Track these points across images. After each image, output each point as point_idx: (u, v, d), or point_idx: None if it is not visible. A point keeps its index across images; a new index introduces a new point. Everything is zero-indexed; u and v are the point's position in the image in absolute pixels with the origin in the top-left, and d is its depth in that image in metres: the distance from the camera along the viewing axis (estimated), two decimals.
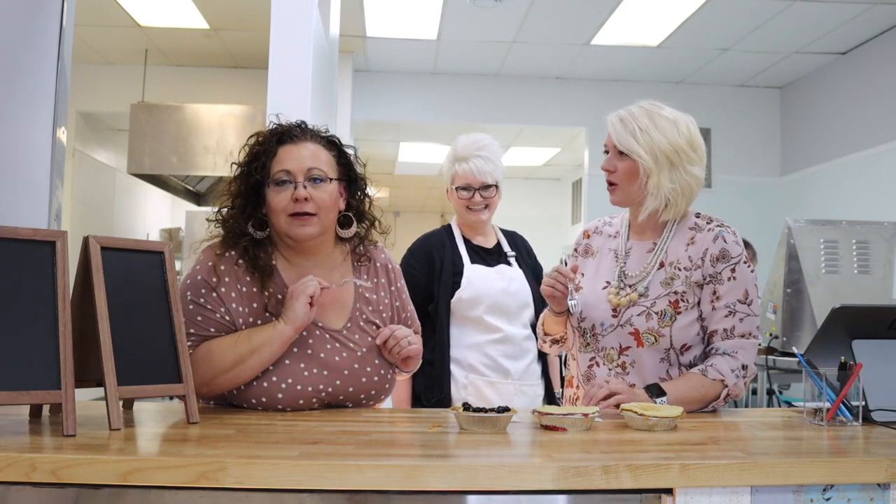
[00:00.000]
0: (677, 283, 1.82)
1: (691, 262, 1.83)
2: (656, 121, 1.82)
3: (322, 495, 1.13)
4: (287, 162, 1.67)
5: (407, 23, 5.77)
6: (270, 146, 1.69)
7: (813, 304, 3.47)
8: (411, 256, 2.62)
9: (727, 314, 1.78)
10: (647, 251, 1.89)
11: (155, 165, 5.80)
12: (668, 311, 1.80)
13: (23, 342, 1.26)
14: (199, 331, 1.63)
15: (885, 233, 3.63)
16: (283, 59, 3.02)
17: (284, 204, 1.65)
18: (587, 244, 2.04)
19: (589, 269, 1.99)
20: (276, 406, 1.64)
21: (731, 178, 6.95)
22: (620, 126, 1.84)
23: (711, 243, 1.82)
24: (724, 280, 1.79)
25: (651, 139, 1.80)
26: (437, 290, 2.52)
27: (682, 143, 1.81)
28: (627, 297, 1.84)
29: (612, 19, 5.51)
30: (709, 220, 1.88)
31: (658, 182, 1.81)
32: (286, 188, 1.65)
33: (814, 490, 1.22)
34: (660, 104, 1.87)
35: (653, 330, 1.80)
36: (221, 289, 1.65)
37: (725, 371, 1.74)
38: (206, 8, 5.42)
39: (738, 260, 1.80)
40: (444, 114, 7.05)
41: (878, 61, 5.68)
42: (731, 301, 1.78)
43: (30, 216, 2.24)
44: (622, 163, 1.85)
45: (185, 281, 1.67)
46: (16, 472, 1.10)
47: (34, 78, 2.29)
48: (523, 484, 1.14)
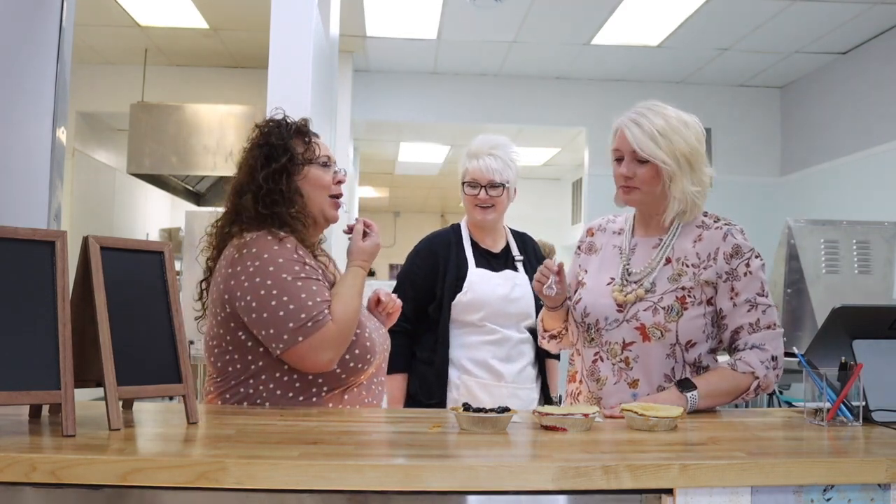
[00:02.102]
0: (685, 279, 1.82)
1: (699, 258, 1.83)
2: (671, 123, 1.80)
3: (322, 495, 1.13)
4: (325, 149, 1.86)
5: (407, 23, 5.77)
6: (307, 133, 1.84)
7: (813, 304, 3.47)
8: (416, 255, 2.62)
9: (749, 308, 1.79)
10: (653, 247, 1.89)
11: (155, 165, 5.80)
12: (675, 305, 1.80)
13: (22, 342, 1.26)
14: (323, 297, 1.68)
15: (885, 233, 3.62)
16: (283, 59, 3.02)
17: (329, 182, 1.83)
18: (591, 242, 2.03)
19: (592, 265, 1.98)
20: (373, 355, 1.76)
21: (731, 178, 6.94)
22: (638, 131, 1.80)
23: (722, 241, 1.82)
24: (740, 276, 1.80)
25: (671, 143, 1.79)
26: (440, 291, 2.51)
27: (696, 143, 1.82)
28: (634, 294, 1.84)
29: (612, 19, 5.51)
30: (716, 219, 1.89)
31: (682, 186, 1.80)
32: (331, 170, 1.84)
33: (814, 490, 1.22)
34: (662, 104, 1.85)
35: (659, 324, 1.80)
36: (307, 259, 1.72)
37: (755, 363, 1.75)
38: (206, 8, 5.42)
39: (750, 255, 1.81)
40: (444, 114, 7.04)
41: (878, 61, 5.68)
42: (750, 295, 1.79)
43: (29, 216, 2.24)
44: (642, 168, 1.82)
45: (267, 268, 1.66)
46: (16, 472, 1.10)
47: (34, 78, 2.29)
48: (523, 484, 1.14)
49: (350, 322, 1.68)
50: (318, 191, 1.80)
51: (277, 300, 1.62)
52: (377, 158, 9.63)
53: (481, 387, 2.46)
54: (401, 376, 2.53)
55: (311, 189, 1.79)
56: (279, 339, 1.62)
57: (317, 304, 1.64)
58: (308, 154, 1.80)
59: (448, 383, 2.48)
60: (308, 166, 1.79)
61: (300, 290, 1.64)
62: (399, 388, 2.52)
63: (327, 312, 1.65)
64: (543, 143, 8.52)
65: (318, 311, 1.64)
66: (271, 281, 1.64)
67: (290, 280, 1.64)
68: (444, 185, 11.40)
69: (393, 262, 13.39)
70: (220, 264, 1.74)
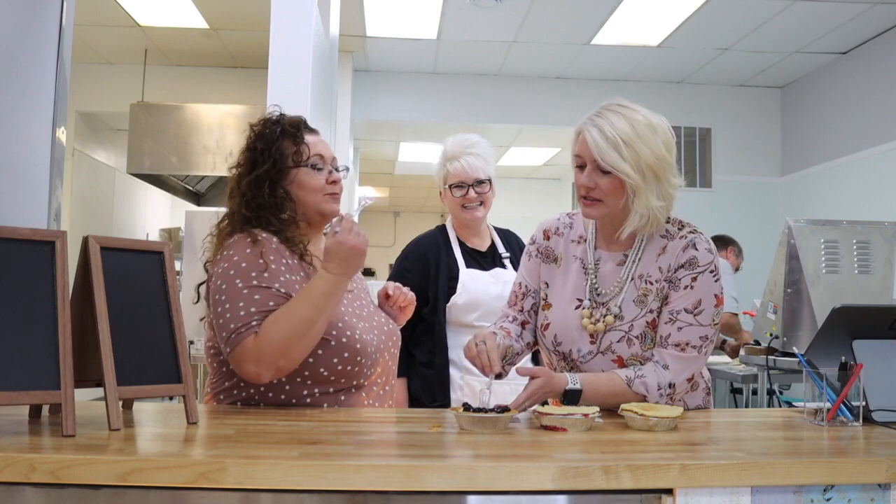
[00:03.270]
0: (650, 298, 1.72)
1: (661, 272, 1.73)
2: (638, 129, 1.64)
3: (322, 495, 1.13)
4: (318, 148, 1.81)
5: (407, 23, 5.77)
6: (298, 132, 1.80)
7: (813, 304, 3.47)
8: (405, 259, 2.62)
9: (667, 321, 1.69)
10: (618, 264, 1.77)
11: (155, 165, 5.81)
12: (647, 333, 1.72)
13: (22, 342, 1.26)
14: (260, 308, 1.60)
15: (885, 233, 3.62)
16: (283, 59, 3.02)
17: (321, 184, 1.79)
18: (548, 246, 1.88)
19: (556, 282, 1.85)
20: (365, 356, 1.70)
21: (731, 178, 6.95)
22: (601, 138, 1.64)
23: (681, 252, 1.71)
24: (679, 287, 1.70)
25: (637, 153, 1.63)
26: (433, 293, 2.51)
27: (664, 152, 1.66)
28: (603, 322, 1.74)
29: (612, 19, 5.51)
30: (680, 226, 1.76)
31: (646, 200, 1.66)
32: (322, 171, 1.80)
33: (814, 490, 1.22)
34: (630, 104, 1.69)
35: (637, 355, 1.72)
36: (272, 266, 1.67)
37: (652, 388, 1.66)
38: (206, 8, 5.42)
39: (704, 269, 1.69)
40: (444, 114, 7.04)
41: (879, 61, 5.68)
42: (676, 308, 1.69)
43: (29, 216, 2.24)
44: (604, 179, 1.66)
45: (228, 271, 1.64)
46: (16, 472, 1.10)
47: (34, 78, 2.29)
48: (523, 484, 1.14)
49: (279, 336, 1.56)
50: (310, 193, 1.78)
51: (222, 306, 1.61)
52: (377, 158, 9.63)
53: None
54: (400, 380, 2.51)
55: (302, 192, 1.77)
56: (224, 350, 1.63)
57: (247, 316, 1.58)
58: (297, 157, 1.76)
59: (451, 384, 2.48)
60: (296, 170, 1.76)
61: (241, 299, 1.60)
62: (400, 391, 2.52)
63: (254, 324, 1.58)
64: (543, 143, 8.52)
65: (242, 324, 1.58)
66: (226, 286, 1.62)
67: (240, 286, 1.62)
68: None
69: (393, 261, 13.27)
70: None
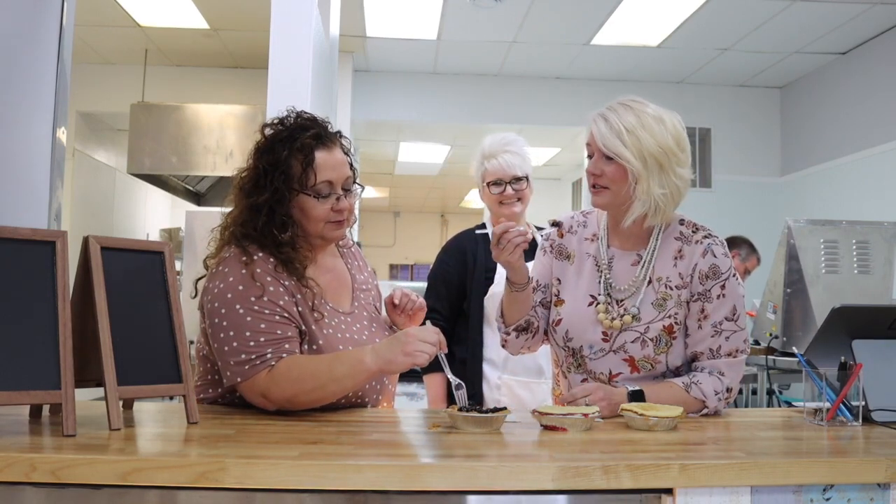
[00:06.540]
0: (670, 303, 1.73)
1: (682, 279, 1.74)
2: (643, 119, 1.69)
3: (322, 495, 1.13)
4: (328, 172, 1.68)
5: (407, 23, 5.77)
6: (310, 154, 1.67)
7: (813, 304, 3.47)
8: (445, 254, 2.63)
9: (713, 334, 1.71)
10: (632, 263, 1.79)
11: (155, 165, 5.80)
12: (662, 336, 1.73)
13: (23, 342, 1.26)
14: (269, 337, 1.57)
15: (885, 233, 3.63)
16: (283, 59, 3.02)
17: (325, 213, 1.68)
18: (561, 244, 1.90)
19: (569, 278, 1.86)
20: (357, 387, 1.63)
21: (731, 178, 6.95)
22: (605, 127, 1.71)
23: (701, 258, 1.73)
24: (713, 298, 1.71)
25: (639, 140, 1.67)
26: (471, 286, 2.51)
27: (671, 143, 1.69)
28: (620, 320, 1.74)
29: (612, 19, 5.51)
30: (694, 229, 1.78)
31: (647, 187, 1.68)
32: (329, 199, 1.68)
33: (814, 490, 1.22)
34: (643, 100, 1.74)
35: (649, 357, 1.74)
36: (269, 288, 1.61)
37: (709, 393, 1.68)
38: (206, 8, 5.42)
39: (727, 275, 1.72)
40: (443, 114, 7.05)
41: (878, 61, 5.68)
42: (718, 319, 1.71)
43: (30, 216, 2.24)
44: (609, 167, 1.71)
45: (225, 294, 1.59)
46: (16, 472, 1.10)
47: (34, 78, 2.29)
48: (523, 484, 1.14)
49: (289, 385, 1.53)
50: (312, 222, 1.69)
51: (225, 333, 1.57)
52: (377, 158, 9.63)
53: (522, 385, 2.44)
54: (440, 376, 2.48)
55: (304, 219, 1.69)
56: (224, 373, 1.60)
57: (257, 347, 1.55)
58: (303, 180, 1.65)
59: (487, 382, 2.45)
60: (301, 194, 1.66)
61: (246, 327, 1.56)
62: (439, 386, 2.49)
63: (269, 357, 1.55)
64: (543, 143, 8.51)
65: (256, 356, 1.54)
66: (225, 310, 1.58)
67: (241, 312, 1.58)
68: (444, 185, 11.39)
69: (393, 262, 13.29)
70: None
